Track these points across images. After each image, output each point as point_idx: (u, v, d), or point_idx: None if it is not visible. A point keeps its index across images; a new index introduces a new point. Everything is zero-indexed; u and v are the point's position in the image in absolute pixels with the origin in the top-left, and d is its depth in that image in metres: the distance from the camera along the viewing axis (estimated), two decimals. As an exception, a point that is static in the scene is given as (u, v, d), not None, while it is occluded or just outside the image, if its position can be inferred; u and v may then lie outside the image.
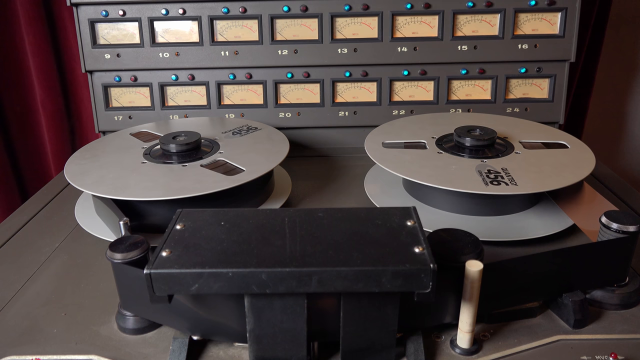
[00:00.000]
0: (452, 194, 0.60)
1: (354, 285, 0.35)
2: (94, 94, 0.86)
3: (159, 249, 0.37)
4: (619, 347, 0.43)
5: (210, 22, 0.81)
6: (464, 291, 0.40)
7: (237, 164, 0.63)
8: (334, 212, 0.42)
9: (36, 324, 0.47)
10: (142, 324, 0.45)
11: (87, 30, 0.82)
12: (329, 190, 0.74)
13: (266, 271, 0.35)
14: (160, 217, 0.58)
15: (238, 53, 0.82)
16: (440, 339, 0.43)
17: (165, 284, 0.35)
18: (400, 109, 0.85)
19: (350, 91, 0.85)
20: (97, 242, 0.59)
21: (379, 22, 0.81)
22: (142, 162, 0.65)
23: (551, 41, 0.81)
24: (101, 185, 0.58)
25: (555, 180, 0.57)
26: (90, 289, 0.52)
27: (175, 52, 0.83)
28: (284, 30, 0.82)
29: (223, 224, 0.41)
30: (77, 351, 0.43)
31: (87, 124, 1.05)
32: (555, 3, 0.80)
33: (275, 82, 0.84)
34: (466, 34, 0.82)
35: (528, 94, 0.85)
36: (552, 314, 0.46)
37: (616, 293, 0.46)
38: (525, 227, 0.58)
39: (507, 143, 0.67)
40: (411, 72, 0.84)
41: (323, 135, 0.88)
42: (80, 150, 0.70)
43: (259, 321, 0.38)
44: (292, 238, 0.38)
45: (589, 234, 0.54)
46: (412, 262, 0.35)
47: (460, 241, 0.43)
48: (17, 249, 0.60)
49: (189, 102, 0.86)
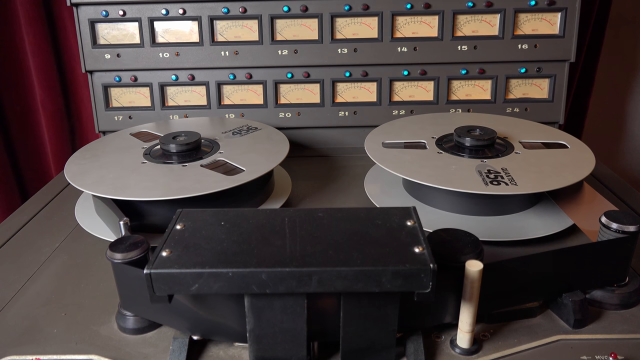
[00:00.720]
0: (452, 194, 0.60)
1: (354, 285, 0.35)
2: (94, 94, 0.86)
3: (159, 249, 0.37)
4: (618, 347, 0.43)
5: (210, 22, 0.81)
6: (464, 291, 0.40)
7: (237, 164, 0.63)
8: (334, 212, 0.42)
9: (36, 324, 0.47)
10: (142, 324, 0.45)
11: (87, 30, 0.82)
12: (329, 190, 0.74)
13: (266, 271, 0.35)
14: (160, 217, 0.58)
15: (238, 53, 0.82)
16: (440, 339, 0.43)
17: (165, 284, 0.35)
18: (400, 109, 0.85)
19: (350, 91, 0.85)
20: (97, 242, 0.59)
21: (379, 22, 0.81)
22: (142, 162, 0.65)
23: (551, 41, 0.81)
24: (101, 185, 0.58)
25: (555, 180, 0.57)
26: (90, 289, 0.52)
27: (176, 52, 0.83)
28: (284, 30, 0.82)
29: (223, 224, 0.41)
30: (77, 351, 0.43)
31: (87, 124, 1.05)
32: (555, 3, 0.80)
33: (275, 82, 0.84)
34: (466, 34, 0.82)
35: (528, 94, 0.85)
36: (552, 314, 0.46)
37: (616, 293, 0.46)
38: (525, 227, 0.58)
39: (507, 143, 0.67)
40: (411, 72, 0.84)
41: (323, 135, 0.88)
42: (80, 150, 0.70)
43: (259, 321, 0.38)
44: (292, 238, 0.38)
45: (589, 234, 0.54)
46: (412, 262, 0.35)
47: (460, 241, 0.43)
48: (17, 249, 0.60)
49: (189, 102, 0.86)
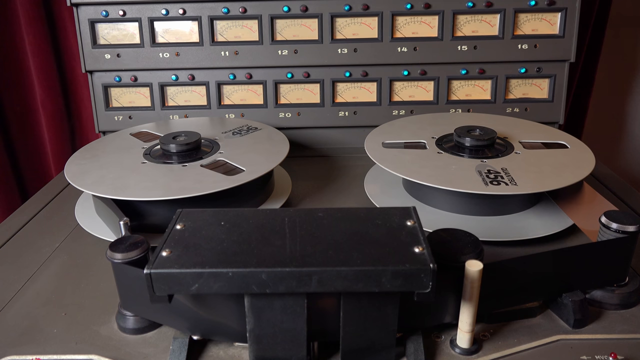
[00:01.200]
0: (452, 194, 0.60)
1: (354, 285, 0.35)
2: (94, 94, 0.86)
3: (159, 249, 0.37)
4: (618, 347, 0.43)
5: (210, 22, 0.81)
6: (464, 291, 0.40)
7: (237, 164, 0.63)
8: (334, 212, 0.42)
9: (36, 324, 0.47)
10: (142, 324, 0.45)
11: (87, 30, 0.82)
12: (329, 190, 0.74)
13: (266, 271, 0.35)
14: (160, 217, 0.58)
15: (238, 53, 0.82)
16: (440, 339, 0.43)
17: (165, 283, 0.35)
18: (400, 109, 0.85)
19: (350, 91, 0.85)
20: (97, 242, 0.59)
21: (379, 22, 0.81)
22: (142, 162, 0.65)
23: (551, 41, 0.81)
24: (101, 185, 0.58)
25: (555, 180, 0.57)
26: (90, 289, 0.52)
27: (176, 52, 0.83)
28: (284, 30, 0.82)
29: (223, 224, 0.41)
30: (77, 351, 0.43)
31: (87, 124, 1.05)
32: (555, 3, 0.80)
33: (275, 82, 0.84)
34: (466, 34, 0.82)
35: (528, 94, 0.85)
36: (552, 314, 0.46)
37: (616, 293, 0.46)
38: (525, 227, 0.58)
39: (507, 143, 0.67)
40: (411, 72, 0.84)
41: (323, 135, 0.88)
42: (81, 150, 0.70)
43: (259, 321, 0.38)
44: (292, 238, 0.38)
45: (589, 234, 0.54)
46: (412, 262, 0.35)
47: (460, 241, 0.43)
48: (17, 249, 0.60)
49: (189, 102, 0.86)
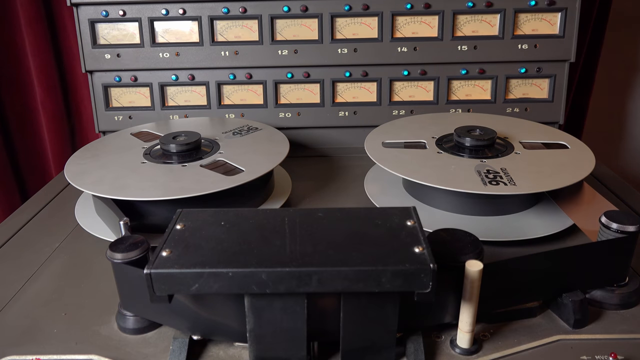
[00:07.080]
0: (451, 193, 0.60)
1: (354, 285, 0.35)
2: (94, 94, 0.86)
3: (159, 249, 0.37)
4: (618, 347, 0.43)
5: (210, 22, 0.81)
6: (464, 291, 0.40)
7: (237, 164, 0.63)
8: (333, 212, 0.42)
9: (36, 324, 0.47)
10: (142, 324, 0.45)
11: (87, 30, 0.82)
12: (329, 190, 0.73)
13: (266, 271, 0.35)
14: (160, 217, 0.58)
15: (238, 53, 0.82)
16: (440, 339, 0.43)
17: (166, 283, 0.35)
18: (400, 109, 0.85)
19: (350, 91, 0.85)
20: (97, 242, 0.59)
21: (379, 22, 0.81)
22: (142, 162, 0.65)
23: (551, 41, 0.81)
24: (101, 185, 0.58)
25: (555, 180, 0.57)
26: (90, 289, 0.52)
27: (176, 52, 0.83)
28: (284, 30, 0.82)
29: (223, 224, 0.41)
30: (77, 351, 0.43)
31: (87, 124, 1.05)
32: (555, 3, 0.80)
33: (275, 82, 0.84)
34: (466, 34, 0.82)
35: (528, 94, 0.85)
36: (552, 314, 0.46)
37: (616, 293, 0.46)
38: (525, 227, 0.58)
39: (507, 143, 0.67)
40: (411, 72, 0.84)
41: (323, 135, 0.88)
42: (81, 150, 0.70)
43: (259, 321, 0.38)
44: (292, 238, 0.38)
45: (589, 234, 0.54)
46: (412, 262, 0.35)
47: (460, 241, 0.43)
48: (17, 249, 0.60)
49: (189, 102, 0.86)
